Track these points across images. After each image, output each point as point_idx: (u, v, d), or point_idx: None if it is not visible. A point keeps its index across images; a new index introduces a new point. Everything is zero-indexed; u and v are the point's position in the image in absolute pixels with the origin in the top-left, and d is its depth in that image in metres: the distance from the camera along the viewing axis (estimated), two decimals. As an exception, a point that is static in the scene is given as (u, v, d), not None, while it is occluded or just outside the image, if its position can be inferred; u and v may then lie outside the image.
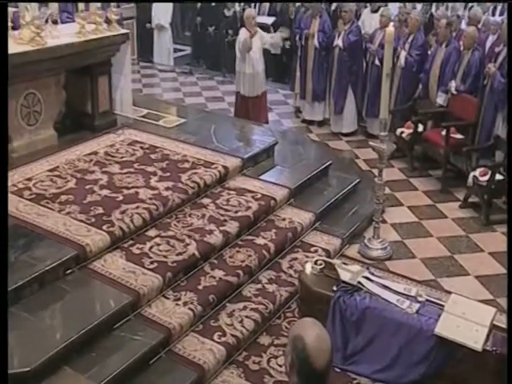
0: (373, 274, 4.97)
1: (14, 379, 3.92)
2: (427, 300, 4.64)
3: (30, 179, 6.00)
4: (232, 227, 5.61)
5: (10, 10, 6.62)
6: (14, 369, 3.97)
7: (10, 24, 6.43)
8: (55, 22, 6.95)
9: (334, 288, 4.72)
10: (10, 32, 6.38)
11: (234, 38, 9.81)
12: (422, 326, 4.39)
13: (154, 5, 13.16)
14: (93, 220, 5.34)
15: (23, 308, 4.48)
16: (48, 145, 6.69)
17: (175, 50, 13.88)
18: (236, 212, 5.83)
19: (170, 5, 13.29)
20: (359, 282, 4.72)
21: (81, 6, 6.89)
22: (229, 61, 11.11)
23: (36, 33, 6.32)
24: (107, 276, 4.88)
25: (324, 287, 4.77)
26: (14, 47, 6.13)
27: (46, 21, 6.66)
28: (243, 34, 8.62)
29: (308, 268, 4.97)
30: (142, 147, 6.83)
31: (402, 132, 8.10)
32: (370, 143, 6.20)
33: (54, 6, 6.98)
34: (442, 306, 4.54)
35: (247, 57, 8.58)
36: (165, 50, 13.30)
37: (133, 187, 5.93)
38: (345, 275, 4.79)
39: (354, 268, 4.98)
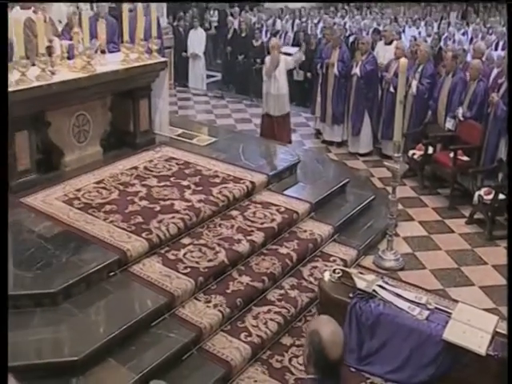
0: (386, 282, 4.97)
1: (64, 366, 4.04)
2: (436, 308, 4.63)
3: (79, 190, 6.07)
4: (258, 237, 5.62)
5: (66, 42, 6.80)
6: (65, 357, 4.07)
7: (65, 54, 6.58)
8: (103, 52, 7.06)
9: (351, 295, 4.72)
10: (66, 61, 6.53)
11: (261, 66, 9.86)
12: (431, 331, 4.38)
13: (190, 36, 13.30)
14: (133, 228, 5.38)
15: (73, 304, 4.57)
16: (95, 160, 6.77)
17: (208, 76, 13.95)
18: (262, 223, 5.83)
19: (204, 36, 13.43)
20: (374, 290, 4.71)
21: (126, 37, 6.97)
22: (256, 86, 11.12)
23: (87, 61, 6.42)
24: (145, 279, 4.92)
25: (341, 294, 4.77)
26: (68, 74, 6.32)
27: (96, 51, 6.77)
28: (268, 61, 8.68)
29: (327, 276, 4.97)
30: (177, 163, 6.85)
31: (413, 153, 8.08)
32: (385, 163, 6.19)
33: (102, 38, 7.09)
34: (450, 313, 4.53)
35: (273, 79, 8.60)
36: (198, 76, 13.40)
37: (169, 199, 5.95)
38: (361, 283, 4.79)
39: (369, 277, 4.97)
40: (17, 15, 6.80)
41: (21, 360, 4.02)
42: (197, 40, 13.30)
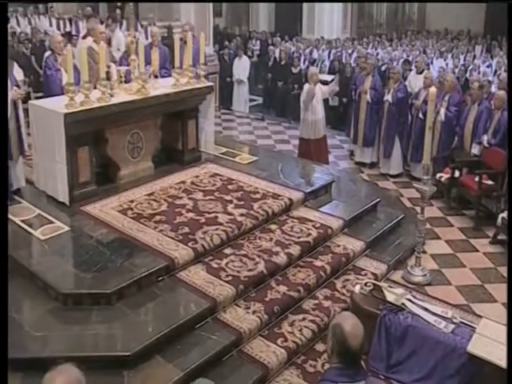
0: (414, 297, 4.94)
1: (117, 360, 4.14)
2: (461, 322, 4.59)
3: (132, 201, 6.19)
4: (295, 250, 5.62)
5: (123, 68, 6.98)
6: (118, 352, 4.18)
7: (123, 79, 6.75)
8: (156, 77, 7.21)
9: (381, 307, 4.70)
10: (123, 85, 6.70)
11: (299, 92, 9.91)
12: (456, 344, 4.35)
13: (235, 64, 13.44)
14: (180, 237, 5.46)
15: (125, 304, 4.68)
16: (147, 174, 6.87)
17: (250, 100, 14.04)
18: (298, 237, 5.83)
19: (248, 63, 13.55)
20: (403, 303, 4.69)
21: (177, 63, 7.09)
22: (294, 110, 11.15)
23: (142, 85, 6.56)
24: (191, 284, 4.99)
25: (372, 306, 4.76)
26: (125, 97, 6.47)
27: (150, 76, 6.91)
28: (307, 88, 8.73)
29: (358, 288, 4.96)
30: (221, 179, 6.90)
31: (441, 176, 8.02)
32: (414, 185, 6.17)
33: (156, 64, 7.26)
34: (474, 327, 4.49)
35: (310, 106, 8.66)
36: (242, 100, 13.50)
37: (213, 212, 6.01)
38: (390, 296, 4.78)
39: (398, 291, 4.95)
40: (81, 46, 7.04)
41: (79, 351, 4.16)
42: (241, 67, 13.42)
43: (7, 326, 3.47)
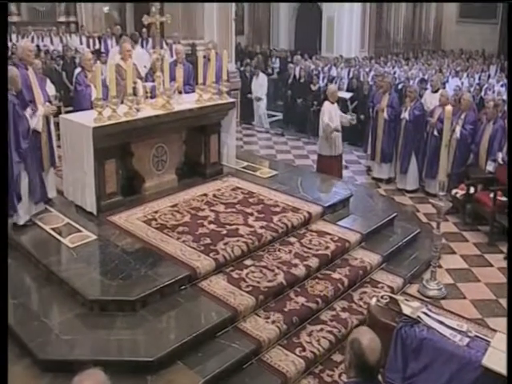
0: (430, 310, 4.88)
1: (141, 366, 4.19)
2: (476, 336, 4.53)
3: (156, 212, 6.24)
4: (313, 262, 5.62)
5: (149, 84, 7.08)
6: (141, 357, 4.22)
7: (148, 94, 6.85)
8: (180, 92, 7.26)
9: (397, 319, 4.66)
10: (148, 100, 6.79)
11: (318, 108, 9.94)
12: (470, 357, 4.29)
13: (253, 82, 13.55)
14: (202, 248, 5.49)
15: (148, 312, 4.72)
16: (170, 186, 6.91)
17: (270, 116, 14.09)
18: (317, 250, 5.82)
19: (265, 81, 13.62)
20: (418, 316, 4.65)
21: (200, 80, 7.16)
22: (313, 126, 11.22)
23: (167, 101, 6.64)
24: (212, 294, 5.00)
25: (388, 318, 4.71)
26: (151, 111, 6.55)
27: (174, 92, 6.97)
28: (327, 106, 8.71)
29: (375, 301, 4.93)
30: (242, 192, 6.92)
31: (456, 192, 7.98)
32: (430, 200, 6.12)
33: (180, 81, 7.33)
34: (488, 341, 4.43)
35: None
36: (261, 116, 13.61)
37: (234, 224, 6.03)
38: (406, 309, 4.73)
39: (414, 304, 4.90)
40: (110, 62, 7.16)
41: (104, 355, 4.21)
42: (258, 85, 13.54)
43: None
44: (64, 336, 4.41)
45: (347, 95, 12.05)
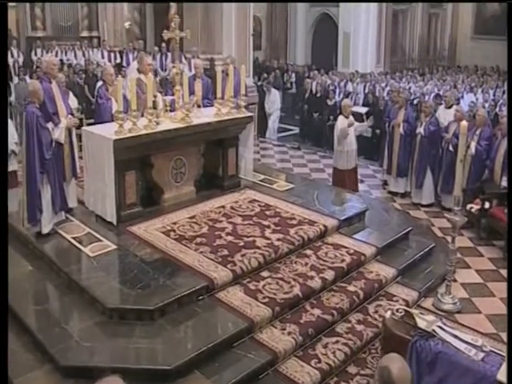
0: (445, 324, 4.85)
1: (159, 374, 4.22)
2: (491, 350, 4.49)
3: (175, 223, 6.28)
4: (329, 275, 5.61)
5: (169, 98, 7.16)
6: (159, 365, 4.25)
7: (168, 108, 6.93)
8: (199, 106, 7.33)
9: (412, 333, 4.64)
10: (168, 113, 6.87)
11: (334, 123, 9.97)
12: (485, 372, 4.24)
13: (266, 98, 13.66)
14: (220, 259, 5.51)
15: (166, 321, 4.76)
16: (189, 198, 6.96)
17: (286, 130, 14.14)
18: (332, 263, 5.82)
19: (277, 96, 13.75)
20: (433, 330, 4.62)
21: (218, 94, 7.22)
22: (329, 140, 11.24)
23: (186, 114, 6.70)
24: (229, 304, 5.02)
25: (403, 331, 4.68)
26: (170, 125, 6.62)
27: (193, 105, 7.03)
28: (341, 120, 8.77)
29: (390, 314, 4.91)
30: (259, 205, 6.94)
31: (471, 207, 7.93)
32: (446, 215, 6.11)
33: (199, 95, 7.41)
34: (503, 356, 4.39)
35: (343, 138, 8.75)
36: (271, 129, 13.70)
37: (251, 236, 6.05)
38: (421, 323, 4.70)
39: (429, 318, 4.86)
40: (130, 76, 7.27)
41: (123, 363, 4.24)
42: (270, 101, 13.65)
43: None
44: (84, 343, 4.46)
45: (363, 110, 12.05)
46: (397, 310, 4.90)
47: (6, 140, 5.23)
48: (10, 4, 16.90)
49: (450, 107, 9.66)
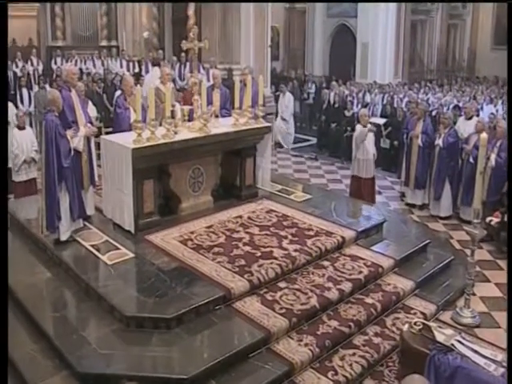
0: (464, 338, 4.81)
1: (175, 383, 4.25)
2: (511, 366, 4.45)
3: (192, 232, 6.32)
4: (346, 287, 5.60)
5: (187, 107, 7.22)
6: (175, 374, 4.26)
7: (186, 117, 6.99)
8: (217, 116, 7.39)
9: (430, 346, 4.61)
10: (186, 123, 6.93)
11: (351, 133, 9.99)
12: (505, 388, 4.22)
13: (279, 100, 13.66)
14: (237, 269, 5.52)
15: (183, 330, 4.79)
16: (206, 207, 6.99)
17: (304, 140, 14.12)
18: (350, 274, 5.80)
19: (291, 102, 13.71)
20: (452, 344, 4.59)
21: (236, 104, 7.27)
22: (346, 151, 11.23)
23: (204, 124, 6.75)
24: (246, 315, 5.03)
25: (421, 345, 4.65)
26: (188, 134, 6.67)
27: (211, 115, 7.10)
28: (359, 129, 8.84)
29: (408, 327, 4.88)
30: (276, 215, 6.94)
31: (490, 220, 7.85)
32: (465, 228, 6.10)
33: (217, 105, 7.47)
34: (524, 372, 4.34)
35: (362, 146, 8.77)
36: (285, 136, 13.72)
37: (268, 246, 6.05)
38: (440, 337, 4.68)
39: (448, 331, 4.84)
40: (149, 86, 7.35)
41: (139, 371, 4.28)
42: (284, 105, 13.61)
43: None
44: (101, 350, 4.51)
45: (381, 121, 12.04)
46: (415, 323, 4.88)
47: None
48: (31, 14, 17.27)
49: (469, 118, 9.64)
